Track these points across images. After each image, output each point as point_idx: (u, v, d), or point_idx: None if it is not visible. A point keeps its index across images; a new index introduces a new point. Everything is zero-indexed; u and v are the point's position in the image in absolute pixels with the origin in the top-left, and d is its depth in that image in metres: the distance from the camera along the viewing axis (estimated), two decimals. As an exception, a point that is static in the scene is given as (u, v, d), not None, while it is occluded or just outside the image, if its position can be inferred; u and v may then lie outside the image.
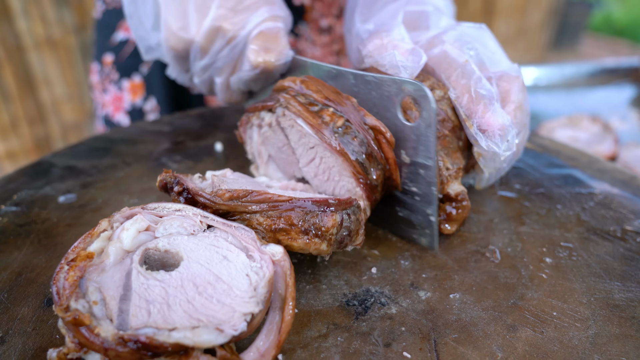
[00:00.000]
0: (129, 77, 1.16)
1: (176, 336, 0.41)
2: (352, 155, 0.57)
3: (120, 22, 1.15)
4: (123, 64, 1.15)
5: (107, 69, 1.18)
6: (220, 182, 0.57)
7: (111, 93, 1.18)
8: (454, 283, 0.57)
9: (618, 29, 5.72)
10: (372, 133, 0.58)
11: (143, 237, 0.50)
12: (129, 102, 1.17)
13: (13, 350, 0.47)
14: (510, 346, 0.48)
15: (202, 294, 0.45)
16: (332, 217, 0.52)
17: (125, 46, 1.15)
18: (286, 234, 0.51)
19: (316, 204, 0.52)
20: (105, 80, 1.19)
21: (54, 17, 2.75)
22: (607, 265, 0.59)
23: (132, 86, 1.16)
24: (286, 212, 0.51)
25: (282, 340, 0.45)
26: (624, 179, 0.77)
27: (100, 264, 0.46)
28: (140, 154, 0.83)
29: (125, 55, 1.15)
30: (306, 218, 0.51)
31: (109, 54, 1.17)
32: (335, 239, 0.53)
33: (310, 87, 0.61)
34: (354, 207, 0.55)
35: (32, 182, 0.74)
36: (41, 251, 0.60)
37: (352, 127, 0.57)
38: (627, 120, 1.52)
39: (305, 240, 0.51)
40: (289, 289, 0.47)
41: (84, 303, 0.42)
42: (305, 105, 0.59)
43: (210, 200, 0.53)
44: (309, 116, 0.58)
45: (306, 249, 0.52)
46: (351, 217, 0.54)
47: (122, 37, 1.15)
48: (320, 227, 0.52)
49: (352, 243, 0.55)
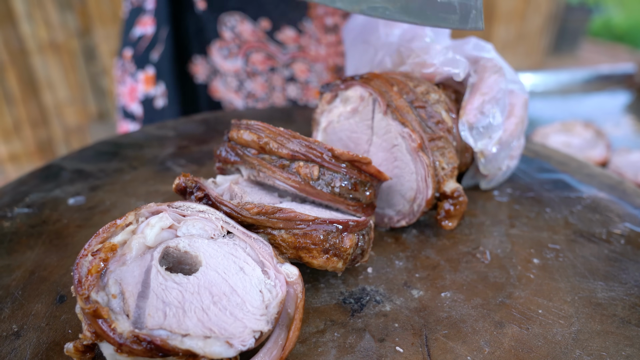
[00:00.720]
0: (143, 69, 1.22)
1: (188, 343, 0.42)
2: (339, 195, 0.58)
3: (138, 18, 1.21)
4: (139, 57, 1.22)
5: (126, 63, 1.25)
6: (242, 192, 0.58)
7: (127, 84, 1.25)
8: (446, 282, 0.60)
9: (617, 34, 5.74)
10: (347, 165, 0.59)
11: (165, 235, 0.51)
12: (142, 93, 1.23)
13: (28, 344, 0.50)
14: (497, 341, 0.51)
15: (216, 304, 0.47)
16: (351, 238, 0.55)
17: (141, 40, 1.21)
18: (308, 252, 0.54)
19: (338, 225, 0.54)
20: (125, 73, 1.26)
21: (58, 21, 2.78)
22: (592, 266, 0.62)
23: (146, 77, 1.22)
24: (310, 232, 0.53)
25: (285, 356, 0.47)
26: (611, 184, 0.80)
27: (122, 257, 0.48)
28: (146, 158, 0.86)
29: (141, 49, 1.21)
30: (328, 238, 0.54)
31: (128, 48, 1.24)
32: (350, 257, 0.56)
33: (271, 143, 0.59)
34: (368, 228, 0.57)
35: (43, 184, 0.77)
36: (53, 251, 0.63)
37: (327, 170, 0.58)
38: (620, 126, 1.56)
39: (325, 259, 0.54)
40: (297, 311, 0.49)
41: (103, 296, 0.44)
42: (276, 166, 0.59)
43: (237, 212, 0.54)
44: (284, 177, 0.59)
45: (324, 266, 0.54)
46: (365, 237, 0.57)
47: (140, 32, 1.21)
48: (340, 247, 0.54)
49: (361, 260, 0.58)
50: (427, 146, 0.63)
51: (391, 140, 0.66)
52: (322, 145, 0.58)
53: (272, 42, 1.19)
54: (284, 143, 0.58)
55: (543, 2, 4.55)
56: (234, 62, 1.20)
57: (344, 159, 0.58)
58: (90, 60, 2.95)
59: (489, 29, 4.51)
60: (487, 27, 4.49)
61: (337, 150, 0.58)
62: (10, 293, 0.56)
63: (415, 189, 0.65)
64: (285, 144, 0.58)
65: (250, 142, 0.60)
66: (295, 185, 0.58)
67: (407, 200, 0.66)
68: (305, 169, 0.58)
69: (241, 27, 1.17)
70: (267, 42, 1.19)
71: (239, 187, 0.59)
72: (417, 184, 0.64)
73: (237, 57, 1.20)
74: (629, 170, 1.18)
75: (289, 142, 0.58)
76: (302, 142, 0.58)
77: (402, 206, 0.67)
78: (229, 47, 1.19)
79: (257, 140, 0.59)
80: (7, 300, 0.55)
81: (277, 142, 0.58)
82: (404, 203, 0.66)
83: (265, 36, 1.18)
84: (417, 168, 0.64)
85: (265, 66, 1.22)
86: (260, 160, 0.60)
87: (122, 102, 1.28)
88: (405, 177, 0.66)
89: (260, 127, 0.60)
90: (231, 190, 0.59)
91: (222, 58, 1.20)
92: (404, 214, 0.67)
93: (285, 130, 0.59)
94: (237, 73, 1.21)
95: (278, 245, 0.54)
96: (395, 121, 0.64)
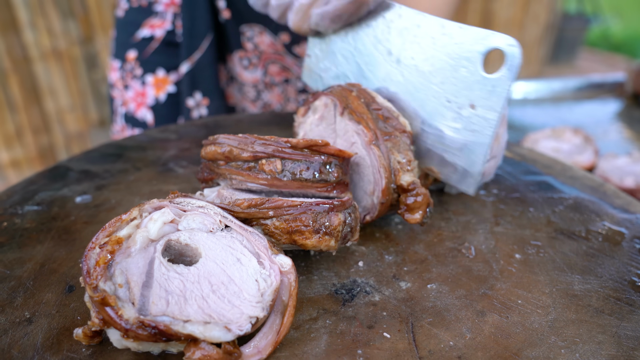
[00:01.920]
0: (154, 73, 1.19)
1: (190, 328, 0.46)
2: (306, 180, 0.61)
3: (146, 20, 1.19)
4: (147, 59, 1.19)
5: (129, 65, 1.21)
6: (231, 195, 0.62)
7: (133, 89, 1.21)
8: (432, 275, 0.63)
9: (615, 44, 5.80)
10: (307, 151, 0.62)
11: (167, 229, 0.55)
12: (152, 97, 1.20)
13: (40, 329, 0.54)
14: (478, 328, 0.55)
15: (215, 292, 0.50)
16: (338, 217, 0.59)
17: (150, 43, 1.19)
18: (301, 235, 0.58)
19: (324, 205, 0.58)
20: (127, 77, 1.21)
21: (60, 29, 2.83)
22: (570, 261, 0.66)
23: (157, 81, 1.19)
24: (300, 215, 0.58)
25: (280, 340, 0.51)
26: (593, 185, 0.84)
27: (127, 249, 0.52)
28: (149, 159, 0.90)
29: (150, 51, 1.19)
30: (317, 219, 0.58)
31: (132, 50, 1.20)
32: (340, 235, 0.60)
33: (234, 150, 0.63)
34: (352, 207, 0.62)
35: (51, 184, 0.81)
36: (61, 245, 0.67)
37: (289, 161, 0.61)
38: (609, 133, 1.60)
39: (318, 238, 0.58)
40: (291, 298, 0.53)
41: (110, 285, 0.48)
42: (243, 169, 0.62)
43: (230, 210, 0.58)
44: (253, 177, 0.62)
45: (318, 245, 0.59)
46: (351, 215, 0.61)
47: (146, 34, 1.19)
48: (329, 226, 0.58)
49: (352, 239, 0.62)
50: (381, 140, 0.67)
51: (350, 139, 0.70)
52: (279, 140, 0.61)
53: (289, 55, 1.21)
54: (245, 147, 0.62)
55: (541, 11, 4.61)
56: (254, 73, 1.22)
57: (301, 146, 0.61)
58: (92, 67, 3.00)
59: (486, 38, 4.56)
60: (484, 37, 4.54)
61: (294, 140, 0.61)
62: (22, 283, 0.60)
63: (373, 182, 0.68)
64: (246, 148, 0.62)
65: (216, 154, 0.64)
66: (264, 182, 0.62)
67: (368, 195, 0.69)
68: (268, 165, 0.61)
69: (259, 39, 1.18)
70: (285, 54, 1.21)
71: (227, 192, 0.63)
72: (373, 176, 0.68)
73: (257, 68, 1.22)
74: (614, 174, 1.22)
75: (249, 145, 0.62)
76: (260, 142, 0.61)
77: (365, 201, 0.70)
78: (250, 57, 1.21)
79: (220, 151, 0.63)
80: (19, 290, 0.59)
81: (238, 147, 0.62)
82: (367, 198, 0.70)
83: (283, 49, 1.20)
84: (371, 161, 0.67)
85: (281, 77, 1.24)
86: (229, 169, 0.63)
87: (126, 109, 1.24)
88: (364, 172, 0.69)
89: (223, 139, 0.63)
90: (221, 196, 0.62)
91: (242, 68, 1.22)
92: (368, 208, 0.70)
93: (244, 135, 0.62)
94: (256, 84, 1.23)
95: (272, 233, 0.58)
96: (352, 121, 0.69)
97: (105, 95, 3.11)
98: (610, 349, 0.52)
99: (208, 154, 0.65)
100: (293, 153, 0.61)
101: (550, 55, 5.03)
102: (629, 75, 1.90)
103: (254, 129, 1.04)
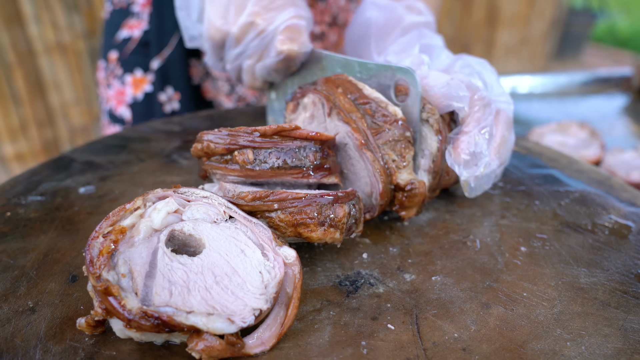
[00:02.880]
0: (132, 72, 1.23)
1: (193, 319, 0.46)
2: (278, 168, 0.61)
3: (125, 21, 1.23)
4: (126, 60, 1.23)
5: (111, 65, 1.26)
6: (234, 188, 0.61)
7: (114, 88, 1.26)
8: (437, 267, 0.63)
9: (621, 39, 5.76)
10: (276, 138, 0.62)
11: (171, 219, 0.55)
12: (130, 96, 1.24)
13: (43, 318, 0.54)
14: (482, 321, 0.54)
15: (219, 283, 0.50)
16: (343, 208, 0.58)
17: (128, 43, 1.23)
18: (306, 227, 0.57)
19: (329, 197, 0.58)
20: (110, 76, 1.27)
21: (65, 23, 2.83)
22: (576, 254, 0.65)
23: (135, 80, 1.24)
24: (304, 208, 0.57)
25: (284, 332, 0.51)
26: (599, 179, 0.83)
27: (130, 239, 0.51)
28: (153, 151, 0.90)
29: (128, 52, 1.23)
30: (322, 211, 0.57)
31: (113, 51, 1.25)
32: (345, 227, 0.59)
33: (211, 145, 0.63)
34: (356, 198, 0.61)
35: (55, 174, 0.81)
36: (65, 235, 0.67)
37: (260, 150, 0.61)
38: (615, 127, 1.59)
39: (322, 231, 0.57)
40: (295, 290, 0.52)
41: (113, 275, 0.48)
42: (220, 163, 0.63)
43: (234, 203, 0.58)
44: (229, 170, 0.62)
45: (323, 238, 0.58)
46: (356, 206, 0.60)
47: (126, 34, 1.23)
48: (334, 218, 0.58)
49: (356, 230, 0.62)
50: (372, 142, 0.66)
51: (342, 140, 0.69)
52: (248, 129, 0.61)
53: None
54: (218, 141, 0.62)
55: (547, 6, 4.59)
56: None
57: (270, 133, 0.61)
58: (96, 61, 3.00)
59: (493, 33, 4.55)
60: (490, 32, 4.53)
61: (261, 128, 0.61)
62: (25, 273, 0.60)
63: (370, 184, 0.67)
64: (219, 142, 0.62)
65: (197, 151, 0.64)
66: (238, 173, 0.61)
67: (366, 195, 0.69)
68: (240, 155, 0.61)
69: None
70: None
71: (230, 185, 0.62)
72: (370, 179, 0.67)
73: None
74: (620, 169, 1.21)
75: (221, 138, 0.62)
76: (230, 133, 0.62)
77: (364, 201, 0.70)
78: None
79: (199, 147, 0.64)
80: (22, 279, 0.59)
81: (213, 142, 0.62)
82: (365, 198, 0.69)
83: None
84: (365, 164, 0.67)
85: None
86: (210, 165, 0.64)
87: (109, 106, 1.29)
88: (360, 173, 0.68)
89: (204, 135, 0.63)
90: (223, 189, 0.62)
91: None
92: (367, 207, 0.70)
93: (216, 130, 0.62)
94: (229, 78, 1.25)
95: (277, 226, 0.57)
96: (341, 121, 0.68)
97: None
98: (616, 342, 0.52)
99: (193, 151, 0.65)
100: (263, 141, 0.61)
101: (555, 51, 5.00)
102: (635, 70, 1.89)
103: (257, 121, 1.03)
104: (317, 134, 0.62)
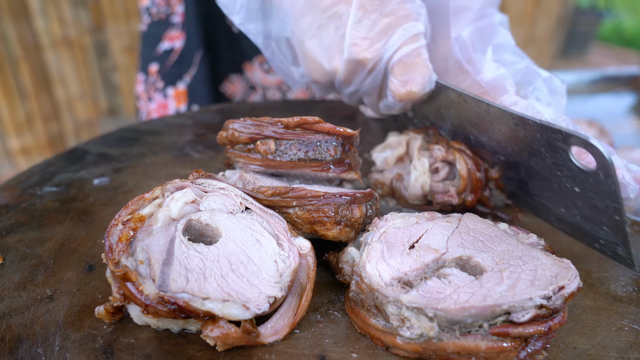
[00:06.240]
0: (174, 85, 1.21)
1: (208, 305, 0.46)
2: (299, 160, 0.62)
3: (165, 33, 1.20)
4: (168, 72, 1.21)
5: (152, 78, 1.23)
6: (254, 179, 0.62)
7: (157, 101, 1.23)
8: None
9: (627, 38, 5.74)
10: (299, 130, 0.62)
11: (188, 209, 0.55)
12: (173, 109, 1.22)
13: (61, 306, 0.54)
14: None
15: (234, 271, 0.51)
16: (360, 208, 0.59)
17: (170, 55, 1.20)
18: (322, 225, 0.57)
19: (347, 197, 0.58)
20: (151, 89, 1.24)
21: (71, 17, 2.83)
22: (588, 249, 0.66)
23: (177, 93, 1.21)
24: (322, 206, 0.57)
25: (297, 321, 0.51)
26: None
27: (149, 227, 0.52)
28: (165, 144, 0.90)
29: (169, 64, 1.20)
30: (339, 210, 0.57)
31: (154, 63, 1.22)
32: (361, 227, 0.60)
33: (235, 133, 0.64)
34: (374, 199, 0.61)
35: (69, 166, 0.82)
36: (80, 225, 0.68)
37: (283, 141, 0.62)
38: (624, 125, 1.59)
39: (338, 230, 0.58)
40: (309, 280, 0.53)
41: (132, 261, 0.48)
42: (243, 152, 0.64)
43: (253, 196, 0.58)
44: (251, 159, 0.63)
45: (339, 237, 0.58)
46: (372, 207, 0.61)
47: (167, 46, 1.20)
48: (351, 218, 0.58)
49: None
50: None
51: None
52: (271, 120, 0.61)
53: None
54: (243, 130, 0.62)
55: (553, 5, 4.57)
56: (276, 75, 1.22)
57: (293, 125, 0.61)
58: (102, 56, 3.01)
59: (497, 31, 4.53)
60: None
61: (285, 120, 0.61)
62: (43, 262, 0.60)
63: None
64: (243, 130, 0.62)
65: (223, 139, 0.65)
66: (260, 163, 0.62)
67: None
68: (262, 145, 0.61)
69: None
70: None
71: (250, 175, 0.63)
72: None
73: None
74: (629, 166, 1.21)
75: (246, 127, 0.62)
76: (255, 123, 0.62)
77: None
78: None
79: (224, 135, 0.64)
80: (40, 268, 0.60)
81: (237, 130, 0.63)
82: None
83: None
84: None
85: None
86: (233, 153, 0.64)
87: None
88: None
89: (230, 123, 0.64)
90: (243, 179, 0.63)
91: (264, 73, 1.22)
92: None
93: (242, 119, 0.63)
94: (280, 85, 1.23)
95: (294, 222, 0.58)
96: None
97: (114, 84, 3.12)
98: (629, 336, 0.52)
99: (219, 139, 0.66)
100: (286, 133, 0.61)
101: (561, 50, 4.98)
102: (644, 69, 1.89)
103: (271, 116, 1.04)
104: (339, 129, 0.61)
